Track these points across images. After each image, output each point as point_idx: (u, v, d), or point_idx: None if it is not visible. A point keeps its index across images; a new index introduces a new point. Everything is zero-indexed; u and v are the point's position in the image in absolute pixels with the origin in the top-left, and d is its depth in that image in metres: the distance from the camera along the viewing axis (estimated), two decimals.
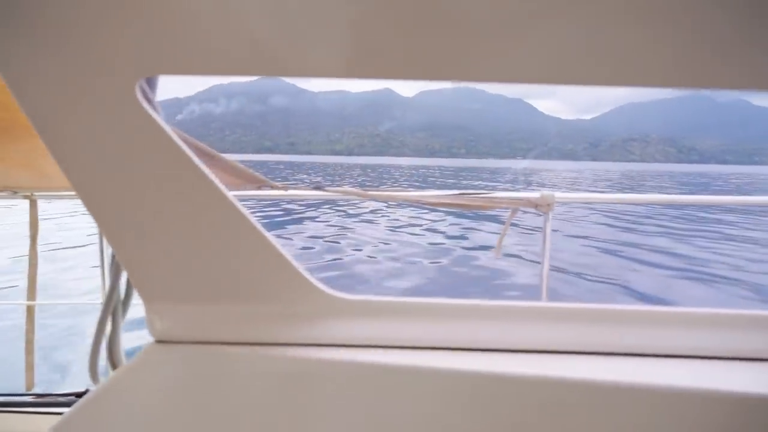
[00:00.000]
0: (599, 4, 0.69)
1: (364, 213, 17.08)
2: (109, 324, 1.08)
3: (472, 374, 0.92)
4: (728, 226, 15.61)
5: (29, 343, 2.23)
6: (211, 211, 0.91)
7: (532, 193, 1.51)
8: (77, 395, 1.96)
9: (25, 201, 2.35)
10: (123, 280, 1.07)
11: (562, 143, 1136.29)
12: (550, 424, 0.90)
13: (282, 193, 1.50)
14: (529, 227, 13.40)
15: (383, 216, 16.50)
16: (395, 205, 17.90)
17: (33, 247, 2.20)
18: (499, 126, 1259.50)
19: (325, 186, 1.46)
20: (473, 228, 14.08)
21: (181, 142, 0.85)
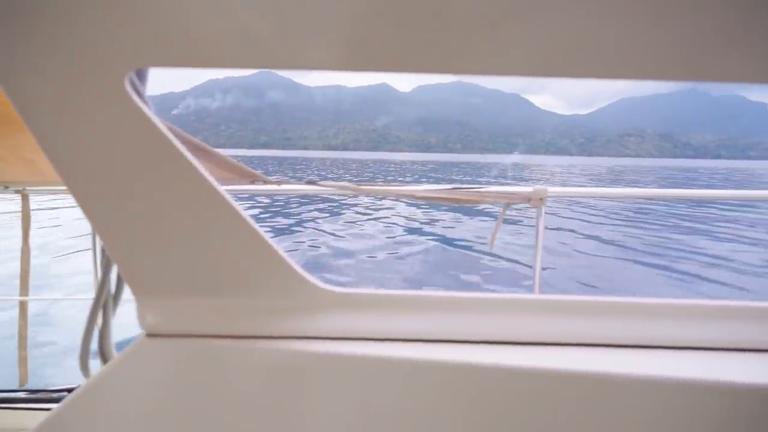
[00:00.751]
0: None
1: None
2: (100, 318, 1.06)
3: (464, 366, 0.93)
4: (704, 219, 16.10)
5: (22, 338, 2.21)
6: (201, 204, 0.90)
7: (525, 187, 1.51)
8: (70, 391, 1.90)
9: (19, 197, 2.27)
10: (114, 274, 1.07)
11: (558, 138, 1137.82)
12: (543, 415, 0.90)
13: (275, 188, 1.49)
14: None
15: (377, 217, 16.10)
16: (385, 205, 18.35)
17: (25, 241, 2.18)
18: (496, 121, 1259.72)
19: (317, 181, 1.47)
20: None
21: (171, 136, 0.85)
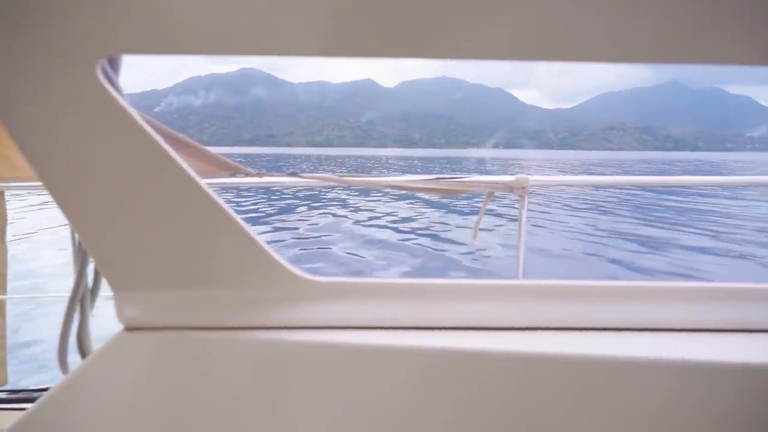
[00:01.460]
0: None
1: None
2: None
3: (448, 352, 0.93)
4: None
5: (0, 338, 2.14)
6: (178, 195, 0.88)
7: (508, 176, 1.52)
8: None
9: None
10: (91, 268, 1.06)
11: (542, 132, 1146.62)
12: (528, 399, 0.91)
13: (257, 180, 1.48)
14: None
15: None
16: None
17: (1, 240, 2.11)
18: (481, 116, 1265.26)
19: (300, 173, 1.45)
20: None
21: (147, 126, 0.83)
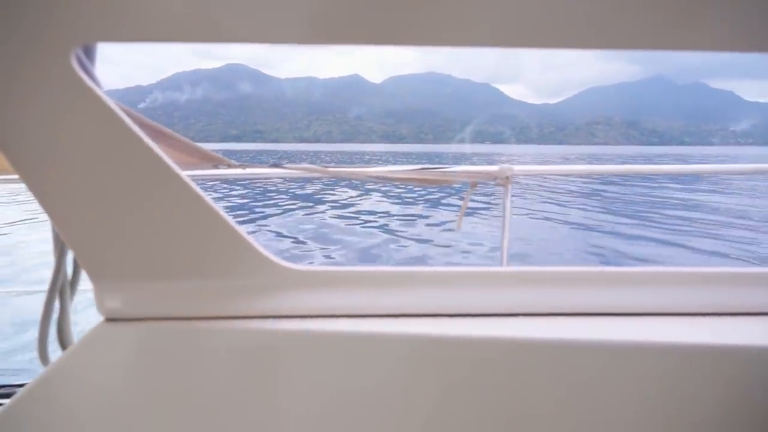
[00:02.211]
0: None
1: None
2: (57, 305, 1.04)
3: (433, 339, 0.93)
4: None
5: None
6: (157, 186, 0.88)
7: (491, 166, 1.52)
8: None
9: None
10: (69, 259, 1.05)
11: (529, 127, 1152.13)
12: (513, 384, 0.93)
13: (240, 171, 1.47)
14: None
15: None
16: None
17: None
18: (468, 111, 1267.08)
19: (283, 163, 1.44)
20: None
21: (125, 116, 0.82)
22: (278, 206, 14.92)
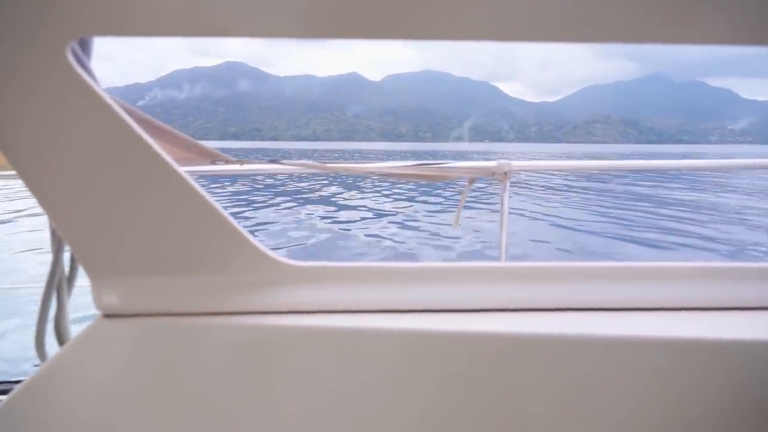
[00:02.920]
0: None
1: None
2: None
3: (431, 334, 0.94)
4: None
5: None
6: (154, 181, 0.87)
7: (489, 162, 1.52)
8: None
9: None
10: (67, 254, 1.04)
11: (527, 126, 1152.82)
12: (511, 379, 0.93)
13: (237, 167, 1.46)
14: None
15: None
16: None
17: None
18: (466, 109, 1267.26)
19: (281, 160, 1.44)
20: None
21: (121, 111, 0.81)
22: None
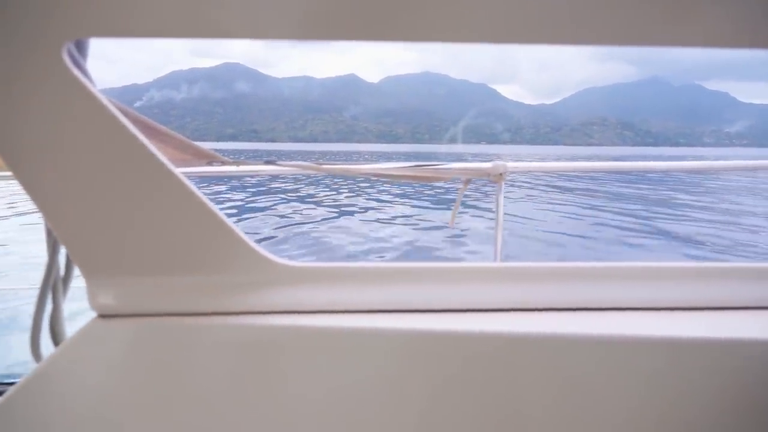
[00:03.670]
0: None
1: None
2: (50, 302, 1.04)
3: (427, 334, 0.94)
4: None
5: None
6: (150, 181, 0.88)
7: (485, 163, 1.52)
8: None
9: None
10: (62, 255, 1.04)
11: (524, 128, 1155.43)
12: (507, 378, 0.93)
13: (233, 168, 1.47)
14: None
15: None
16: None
17: None
18: (464, 111, 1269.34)
19: (277, 161, 1.44)
20: None
21: (117, 112, 0.81)
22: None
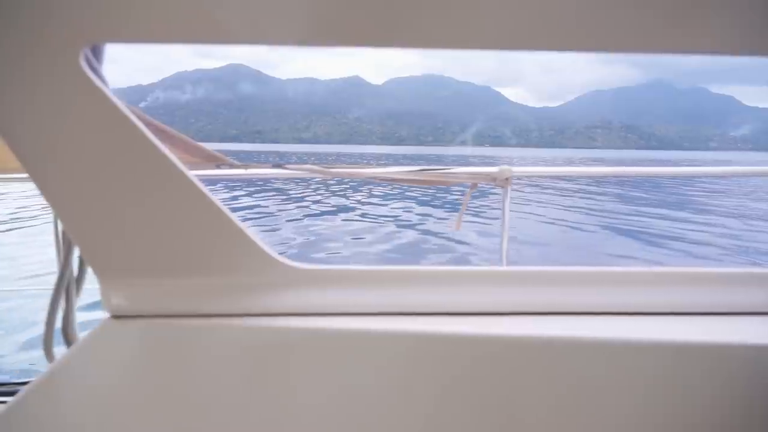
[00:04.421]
0: None
1: None
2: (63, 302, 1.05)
3: (433, 337, 0.95)
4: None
5: None
6: (163, 184, 0.89)
7: (491, 168, 1.53)
8: None
9: None
10: (75, 256, 1.06)
11: (529, 131, 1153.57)
12: (512, 382, 0.95)
13: (241, 171, 1.48)
14: None
15: None
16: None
17: None
18: (468, 114, 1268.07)
19: (284, 164, 1.44)
20: None
21: (131, 115, 0.83)
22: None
